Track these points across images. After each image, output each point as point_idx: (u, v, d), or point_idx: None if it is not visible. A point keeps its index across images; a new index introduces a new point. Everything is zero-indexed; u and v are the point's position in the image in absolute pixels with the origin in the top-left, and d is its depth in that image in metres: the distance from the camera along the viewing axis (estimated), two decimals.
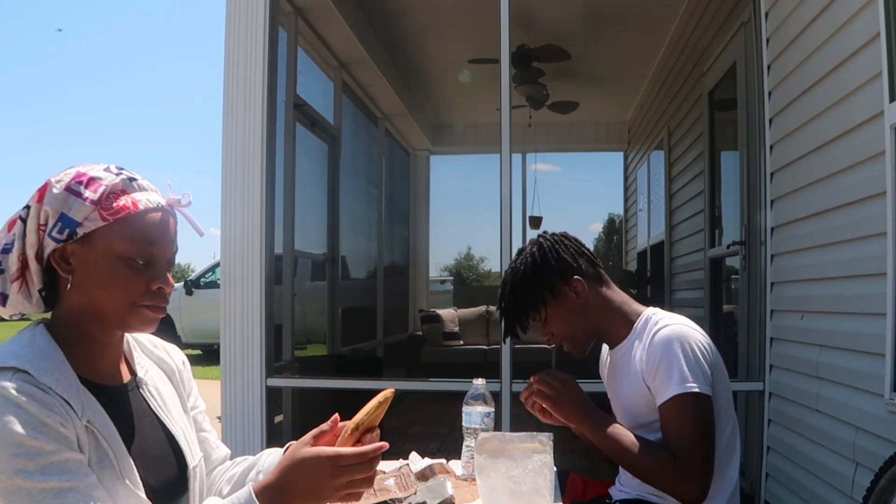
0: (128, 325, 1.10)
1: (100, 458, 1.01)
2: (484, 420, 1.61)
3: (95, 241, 1.06)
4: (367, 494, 1.37)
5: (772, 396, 3.16)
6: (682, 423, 1.53)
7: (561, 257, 1.69)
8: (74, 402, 1.00)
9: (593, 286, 1.71)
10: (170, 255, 1.12)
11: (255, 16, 3.48)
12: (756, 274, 3.32)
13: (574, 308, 1.69)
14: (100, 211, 1.05)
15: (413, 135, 7.66)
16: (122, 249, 1.06)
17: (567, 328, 1.71)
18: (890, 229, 2.13)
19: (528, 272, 1.69)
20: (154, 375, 1.21)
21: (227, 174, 3.46)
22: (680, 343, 1.55)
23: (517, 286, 1.70)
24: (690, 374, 1.52)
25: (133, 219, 1.07)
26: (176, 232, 1.14)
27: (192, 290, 10.49)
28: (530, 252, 1.72)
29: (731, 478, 1.65)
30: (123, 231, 1.06)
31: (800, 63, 2.85)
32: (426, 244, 8.35)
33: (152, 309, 1.10)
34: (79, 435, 0.99)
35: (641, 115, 6.89)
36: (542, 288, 1.68)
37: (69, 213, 1.04)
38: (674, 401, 1.53)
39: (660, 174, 6.28)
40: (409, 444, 2.09)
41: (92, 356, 1.09)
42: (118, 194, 1.07)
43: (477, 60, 5.21)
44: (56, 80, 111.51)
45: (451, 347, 7.22)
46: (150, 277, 1.08)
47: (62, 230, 1.04)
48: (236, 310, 3.43)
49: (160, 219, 1.10)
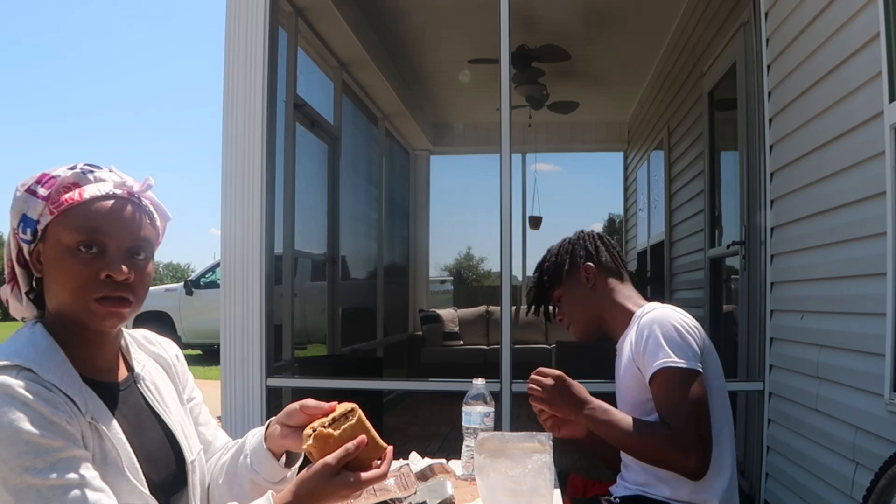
0: (85, 322, 1.06)
1: (103, 455, 1.02)
2: (484, 420, 1.61)
3: (48, 237, 1.06)
4: (367, 494, 1.37)
5: (772, 396, 3.17)
6: (671, 396, 1.59)
7: (584, 245, 1.89)
8: (78, 399, 1.01)
9: (604, 276, 1.85)
10: (128, 244, 1.07)
11: (255, 16, 3.48)
12: (756, 274, 3.32)
13: (582, 291, 1.85)
14: (48, 206, 1.05)
15: (413, 135, 7.66)
16: (69, 240, 1.04)
17: (574, 310, 1.87)
18: (890, 229, 2.13)
19: (556, 254, 1.91)
20: (151, 371, 1.21)
21: (227, 174, 3.46)
22: (661, 322, 1.64)
23: (547, 265, 1.91)
24: (673, 350, 1.60)
25: (77, 208, 1.05)
26: (138, 220, 1.09)
27: (192, 290, 10.50)
28: (567, 240, 1.94)
29: (724, 481, 1.65)
30: (68, 221, 1.04)
31: (800, 63, 2.85)
32: (426, 244, 8.35)
33: (105, 302, 1.04)
34: (83, 432, 1.00)
35: (641, 115, 6.89)
36: (561, 267, 1.87)
37: (28, 213, 1.05)
38: (660, 375, 1.60)
39: (660, 174, 6.28)
40: (409, 444, 2.09)
41: (89, 353, 1.08)
42: (69, 188, 1.06)
43: (477, 60, 5.21)
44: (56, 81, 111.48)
45: (451, 347, 7.21)
46: (100, 267, 1.04)
47: (25, 230, 1.06)
48: (236, 310, 3.43)
49: (110, 206, 1.06)
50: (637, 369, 1.68)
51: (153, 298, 11.15)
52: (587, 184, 8.83)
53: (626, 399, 1.75)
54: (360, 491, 1.07)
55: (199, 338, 10.60)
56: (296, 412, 1.17)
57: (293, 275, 4.45)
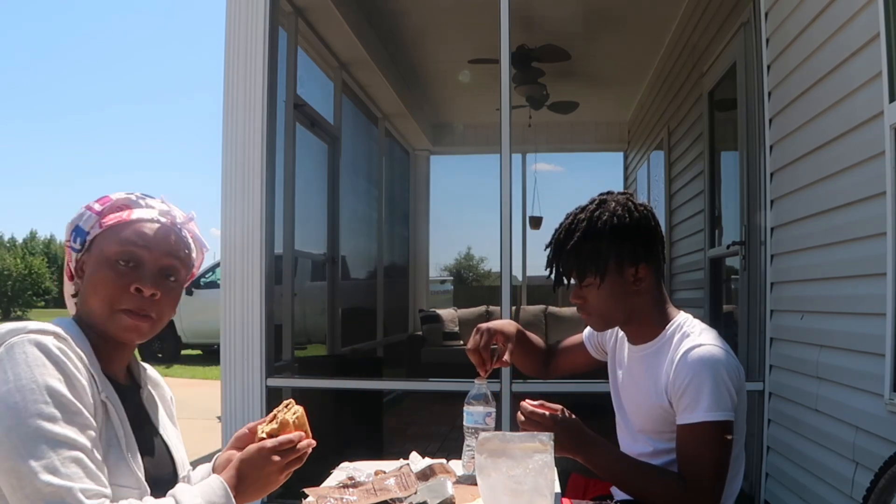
0: (108, 330, 1.14)
1: (109, 437, 1.07)
2: (485, 420, 1.60)
3: (94, 248, 1.16)
4: (367, 494, 1.37)
5: (772, 396, 3.17)
6: (703, 450, 1.48)
7: (644, 237, 1.57)
8: (98, 377, 1.09)
9: (651, 279, 1.59)
10: (161, 265, 1.16)
11: (255, 16, 3.48)
12: (756, 274, 3.32)
13: (625, 292, 1.57)
14: (99, 220, 1.17)
15: (413, 135, 7.66)
16: (111, 252, 1.14)
17: (605, 306, 1.59)
18: (890, 229, 2.13)
19: (605, 232, 1.53)
20: (151, 390, 1.29)
21: (228, 174, 3.46)
22: (712, 368, 1.48)
23: (589, 239, 1.54)
24: (717, 402, 1.47)
25: (124, 225, 1.16)
26: (176, 245, 1.18)
27: (192, 291, 10.49)
28: (616, 213, 1.55)
29: (733, 491, 1.64)
30: (114, 236, 1.15)
31: (800, 63, 2.85)
32: (426, 244, 8.36)
33: (129, 314, 1.13)
34: (96, 408, 1.06)
35: (641, 116, 6.89)
36: (610, 256, 1.54)
37: (81, 224, 1.17)
38: (699, 427, 1.48)
39: (660, 174, 6.28)
40: (409, 444, 2.09)
41: (106, 355, 1.15)
42: (121, 208, 1.18)
43: (477, 60, 5.21)
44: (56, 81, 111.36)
45: (451, 347, 7.21)
46: (132, 280, 1.13)
47: (76, 239, 1.18)
48: (236, 310, 3.43)
49: (154, 228, 1.17)
50: (668, 401, 1.55)
51: None
52: (587, 184, 8.81)
53: (638, 416, 1.66)
54: (284, 465, 1.15)
55: (199, 338, 10.60)
56: (245, 435, 1.27)
57: (293, 275, 4.45)
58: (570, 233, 1.57)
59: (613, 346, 1.82)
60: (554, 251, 1.60)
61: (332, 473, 1.60)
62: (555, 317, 7.52)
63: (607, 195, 1.63)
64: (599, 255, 1.54)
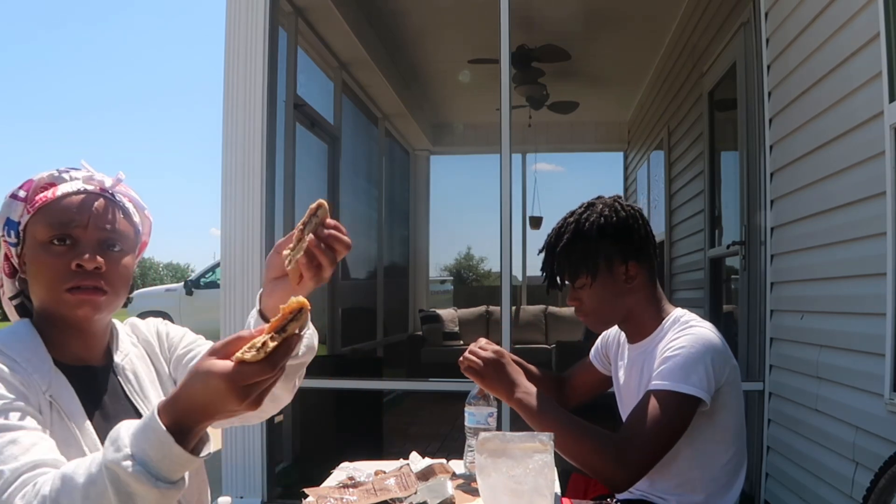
0: (62, 313, 1.09)
1: (65, 437, 1.03)
2: (487, 420, 1.60)
3: (27, 237, 1.11)
4: (367, 494, 1.37)
5: (772, 396, 3.17)
6: (651, 414, 1.45)
7: (631, 235, 1.60)
8: (41, 377, 1.04)
9: (644, 276, 1.62)
10: (99, 236, 1.10)
11: (255, 16, 3.48)
12: (756, 274, 3.32)
13: (618, 290, 1.61)
14: (26, 206, 1.11)
15: (413, 135, 7.66)
16: (42, 236, 1.08)
17: (600, 305, 1.63)
18: (890, 229, 2.13)
19: (592, 233, 1.59)
20: (133, 359, 1.20)
21: (227, 174, 3.46)
22: (699, 347, 1.49)
23: (577, 241, 1.59)
24: (688, 377, 1.46)
25: (50, 205, 1.10)
26: (107, 212, 1.11)
27: (192, 290, 10.51)
28: (603, 213, 1.60)
29: (734, 492, 1.64)
30: (42, 218, 1.09)
31: (800, 63, 2.86)
32: (426, 244, 8.36)
33: (74, 291, 1.07)
34: (41, 407, 1.02)
35: (641, 116, 6.89)
36: (599, 255, 1.59)
37: (11, 216, 1.11)
38: (660, 394, 1.47)
39: (660, 174, 6.28)
40: (409, 444, 2.09)
41: (68, 343, 1.11)
42: (45, 188, 1.11)
43: (477, 60, 5.21)
44: (56, 81, 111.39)
45: (451, 347, 7.21)
46: (71, 258, 1.07)
47: (9, 233, 1.11)
48: (236, 310, 3.43)
49: (81, 200, 1.10)
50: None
51: (153, 298, 11.16)
52: (587, 184, 8.82)
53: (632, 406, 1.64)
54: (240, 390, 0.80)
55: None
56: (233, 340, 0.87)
57: None
58: (559, 236, 1.64)
59: (616, 351, 1.83)
60: (546, 255, 1.66)
61: (332, 473, 1.60)
62: (555, 317, 7.51)
63: (597, 199, 1.67)
64: (588, 255, 1.59)
